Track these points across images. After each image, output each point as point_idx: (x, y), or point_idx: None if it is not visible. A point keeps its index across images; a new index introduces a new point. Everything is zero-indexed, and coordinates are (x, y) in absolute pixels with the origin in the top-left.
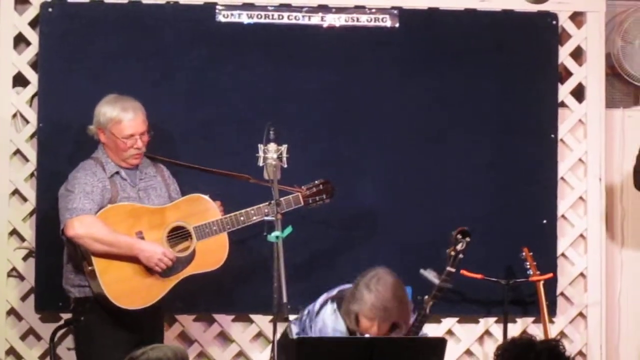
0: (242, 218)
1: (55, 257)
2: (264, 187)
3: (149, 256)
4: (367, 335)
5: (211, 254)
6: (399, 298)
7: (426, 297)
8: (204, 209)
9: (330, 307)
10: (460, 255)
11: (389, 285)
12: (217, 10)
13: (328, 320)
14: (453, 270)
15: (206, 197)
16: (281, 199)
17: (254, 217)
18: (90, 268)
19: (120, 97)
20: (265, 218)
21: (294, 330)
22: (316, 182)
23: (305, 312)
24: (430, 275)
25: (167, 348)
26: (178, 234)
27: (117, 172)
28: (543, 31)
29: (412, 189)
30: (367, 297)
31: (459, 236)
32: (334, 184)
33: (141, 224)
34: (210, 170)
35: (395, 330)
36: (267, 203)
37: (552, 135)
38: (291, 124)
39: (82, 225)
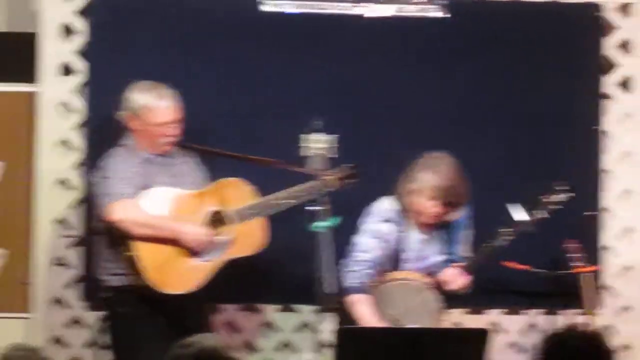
0: (278, 202)
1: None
2: (298, 173)
3: (191, 239)
4: (412, 326)
5: (250, 238)
6: (460, 177)
7: (501, 229)
8: (241, 193)
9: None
10: (553, 207)
11: (450, 166)
12: (260, 0)
13: (378, 203)
14: (539, 216)
15: (243, 181)
16: (312, 182)
17: (292, 200)
18: (129, 254)
19: (154, 84)
20: (311, 208)
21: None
22: (346, 165)
23: None
24: (515, 211)
25: (215, 337)
26: (217, 218)
27: (149, 158)
28: (587, 22)
29: None
30: (431, 177)
31: (558, 188)
32: (361, 168)
33: (180, 209)
34: (240, 156)
35: (454, 210)
36: (301, 186)
37: (597, 127)
38: (336, 115)
39: (124, 209)
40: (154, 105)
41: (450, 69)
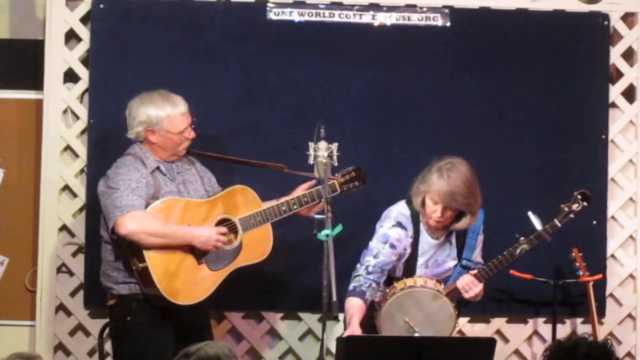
0: (283, 208)
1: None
2: (300, 177)
3: (205, 240)
4: (416, 334)
5: (257, 246)
6: (467, 187)
7: (522, 238)
8: (247, 200)
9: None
10: (572, 215)
11: (461, 174)
12: (268, 8)
13: (393, 207)
14: (559, 225)
15: (249, 188)
16: (318, 187)
17: (295, 207)
18: (142, 265)
19: (161, 94)
20: (316, 216)
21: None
22: (349, 168)
23: None
24: (536, 220)
25: (222, 344)
26: (225, 226)
27: (157, 167)
28: (594, 31)
29: None
30: (436, 180)
31: (579, 197)
32: (366, 171)
33: (189, 218)
34: (243, 161)
35: (462, 218)
36: (306, 193)
37: (603, 136)
38: (341, 122)
39: (135, 221)
40: (173, 115)
41: (460, 78)
